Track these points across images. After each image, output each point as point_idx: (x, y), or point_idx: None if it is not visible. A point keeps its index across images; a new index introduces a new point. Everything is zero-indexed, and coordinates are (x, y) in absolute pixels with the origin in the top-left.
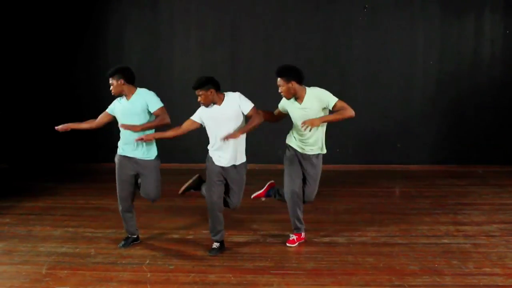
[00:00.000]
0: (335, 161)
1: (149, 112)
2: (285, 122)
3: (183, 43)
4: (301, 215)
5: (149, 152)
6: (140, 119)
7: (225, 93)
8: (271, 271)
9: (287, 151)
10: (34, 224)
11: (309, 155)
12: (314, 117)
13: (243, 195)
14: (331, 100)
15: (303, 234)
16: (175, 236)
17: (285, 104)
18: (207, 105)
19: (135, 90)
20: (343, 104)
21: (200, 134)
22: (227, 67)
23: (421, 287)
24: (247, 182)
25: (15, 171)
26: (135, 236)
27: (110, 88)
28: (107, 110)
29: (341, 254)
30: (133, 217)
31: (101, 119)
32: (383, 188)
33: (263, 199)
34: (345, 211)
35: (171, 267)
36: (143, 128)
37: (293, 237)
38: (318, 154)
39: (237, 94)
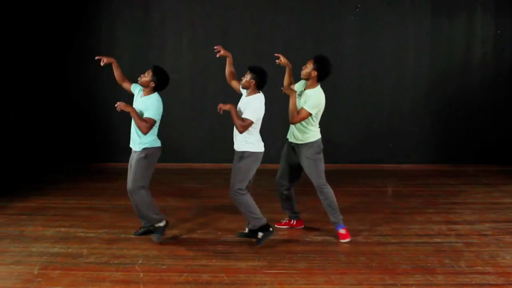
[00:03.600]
0: (328, 161)
1: None
2: (280, 122)
3: (174, 42)
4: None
5: (140, 144)
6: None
7: (260, 92)
8: (264, 271)
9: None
10: (26, 224)
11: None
12: (299, 104)
13: (233, 185)
14: (307, 104)
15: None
16: (168, 236)
17: (297, 85)
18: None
19: (151, 94)
20: (301, 113)
21: (195, 134)
22: (218, 66)
23: (413, 286)
24: None
25: (6, 171)
26: (163, 224)
27: (141, 76)
28: (133, 84)
29: (333, 253)
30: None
31: (126, 83)
32: (375, 187)
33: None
34: None
35: (163, 267)
36: (133, 112)
37: (342, 231)
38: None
39: (258, 98)
